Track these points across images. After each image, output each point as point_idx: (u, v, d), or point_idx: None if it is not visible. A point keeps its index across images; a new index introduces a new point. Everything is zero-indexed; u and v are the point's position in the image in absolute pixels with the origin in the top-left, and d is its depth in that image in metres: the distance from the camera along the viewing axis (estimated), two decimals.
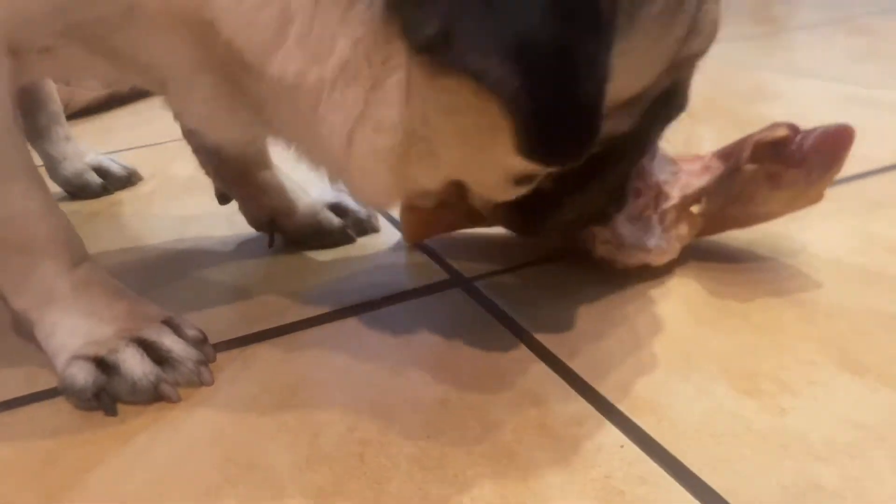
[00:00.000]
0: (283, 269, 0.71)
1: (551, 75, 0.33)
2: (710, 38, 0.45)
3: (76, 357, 0.52)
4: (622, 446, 0.43)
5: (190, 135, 0.75)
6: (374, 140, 0.43)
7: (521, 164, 0.43)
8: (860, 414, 0.44)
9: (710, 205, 0.60)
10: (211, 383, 0.52)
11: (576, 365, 0.51)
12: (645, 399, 0.47)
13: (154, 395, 0.51)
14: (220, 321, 0.60)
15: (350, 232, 0.74)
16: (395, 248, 0.73)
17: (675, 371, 0.49)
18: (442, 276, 0.66)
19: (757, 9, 2.04)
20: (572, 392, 0.48)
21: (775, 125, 0.58)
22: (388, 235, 0.75)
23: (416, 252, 0.71)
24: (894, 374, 0.47)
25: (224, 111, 0.52)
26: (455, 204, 0.55)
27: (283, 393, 0.51)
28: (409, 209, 0.66)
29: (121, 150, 1.07)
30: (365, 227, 0.75)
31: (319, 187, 0.76)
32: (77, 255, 0.56)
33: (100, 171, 0.98)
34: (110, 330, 0.53)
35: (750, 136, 0.59)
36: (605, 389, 0.48)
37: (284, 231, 0.74)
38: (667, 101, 0.47)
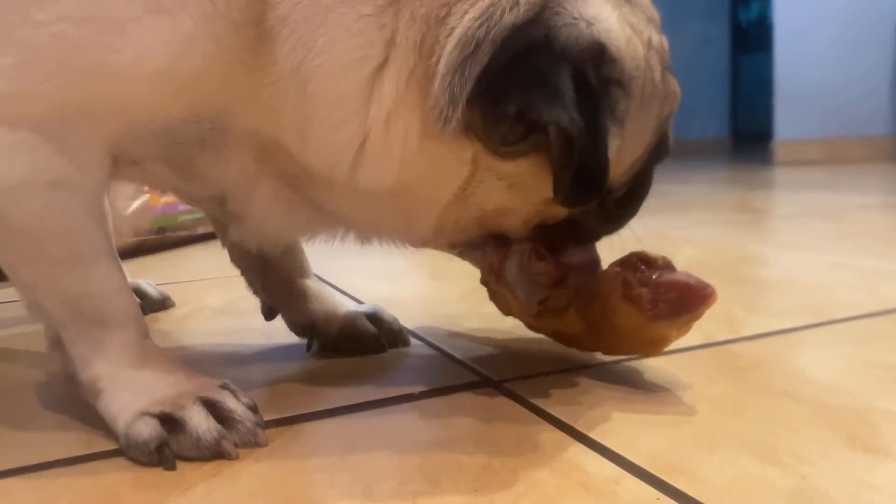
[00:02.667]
0: (322, 368, 0.75)
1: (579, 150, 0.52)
2: (677, 98, 0.63)
3: (142, 414, 0.55)
4: (658, 499, 0.47)
5: (238, 259, 0.83)
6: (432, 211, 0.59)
7: (543, 211, 0.60)
8: (873, 479, 0.48)
9: (579, 300, 0.65)
10: (266, 444, 0.56)
11: (609, 442, 0.55)
12: (676, 465, 0.51)
13: (215, 452, 0.54)
14: (268, 404, 0.64)
15: (383, 341, 0.79)
16: (426, 357, 0.78)
17: (700, 446, 0.54)
18: (473, 377, 0.70)
19: (741, 203, 2.22)
20: (607, 462, 0.52)
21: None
22: (416, 349, 0.81)
23: (445, 359, 0.76)
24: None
25: (283, 210, 0.62)
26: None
27: (334, 456, 0.55)
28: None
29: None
30: (396, 339, 0.80)
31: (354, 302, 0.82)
32: (142, 331, 0.61)
33: (138, 292, 1.04)
34: (174, 392, 0.57)
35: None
36: (639, 460, 0.52)
37: (324, 335, 0.79)
38: (657, 149, 0.64)
